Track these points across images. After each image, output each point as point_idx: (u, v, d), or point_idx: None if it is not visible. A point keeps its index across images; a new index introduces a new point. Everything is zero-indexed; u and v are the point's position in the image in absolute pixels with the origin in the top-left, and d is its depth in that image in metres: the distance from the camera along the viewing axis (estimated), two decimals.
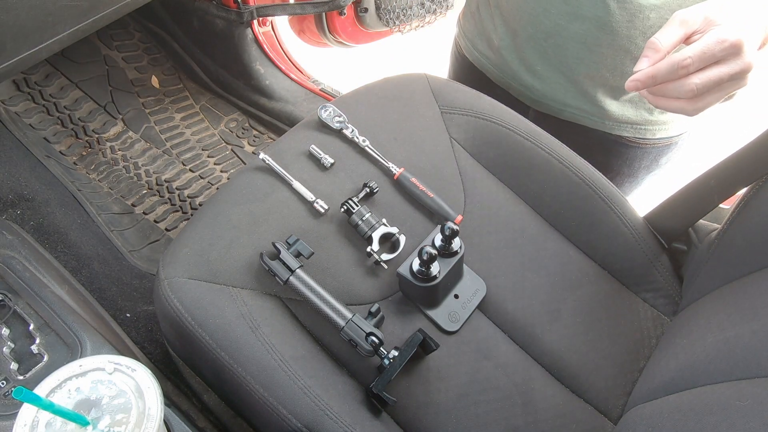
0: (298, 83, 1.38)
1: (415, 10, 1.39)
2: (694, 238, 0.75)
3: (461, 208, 0.75)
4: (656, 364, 0.64)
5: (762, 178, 0.64)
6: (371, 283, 0.68)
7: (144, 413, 0.43)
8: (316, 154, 0.74)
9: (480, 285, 0.70)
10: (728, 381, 0.50)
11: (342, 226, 0.70)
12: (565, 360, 0.67)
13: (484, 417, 0.62)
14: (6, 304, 0.69)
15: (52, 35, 0.77)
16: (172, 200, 1.21)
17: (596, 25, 0.78)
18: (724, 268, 0.65)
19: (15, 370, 0.64)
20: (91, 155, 1.24)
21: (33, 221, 0.98)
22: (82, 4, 0.76)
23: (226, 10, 1.27)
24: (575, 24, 0.79)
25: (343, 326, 0.61)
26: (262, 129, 1.38)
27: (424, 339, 0.60)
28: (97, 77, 1.35)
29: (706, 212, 0.72)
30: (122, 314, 0.92)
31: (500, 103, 0.84)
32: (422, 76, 0.86)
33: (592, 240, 0.75)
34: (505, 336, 0.69)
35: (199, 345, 0.60)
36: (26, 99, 1.26)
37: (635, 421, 0.57)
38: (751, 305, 0.56)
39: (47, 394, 0.44)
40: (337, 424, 0.56)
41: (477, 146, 0.80)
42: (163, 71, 1.43)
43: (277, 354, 0.59)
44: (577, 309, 0.70)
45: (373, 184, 0.71)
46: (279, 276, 0.62)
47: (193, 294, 0.61)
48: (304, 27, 1.36)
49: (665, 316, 0.72)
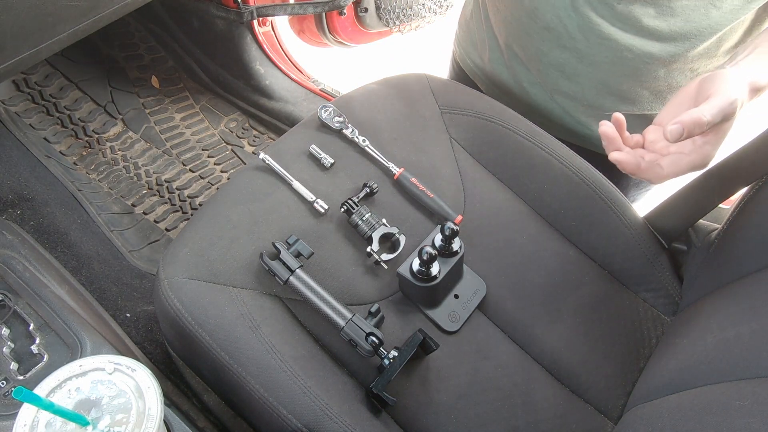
0: (298, 83, 1.38)
1: (415, 10, 1.39)
2: (694, 238, 0.75)
3: (461, 208, 0.75)
4: (656, 364, 0.64)
5: (762, 178, 0.64)
6: (371, 283, 0.68)
7: (144, 413, 0.43)
8: (316, 154, 0.74)
9: (480, 285, 0.70)
10: (728, 381, 0.49)
11: (342, 226, 0.70)
12: (565, 360, 0.67)
13: (484, 417, 0.62)
14: (6, 304, 0.69)
15: (52, 35, 0.77)
16: (172, 200, 1.21)
17: (576, 57, 0.78)
18: (724, 268, 0.65)
19: (15, 370, 0.64)
20: (91, 155, 1.23)
21: (33, 221, 0.98)
22: (82, 4, 0.76)
23: (226, 10, 1.27)
24: (556, 52, 0.80)
25: (343, 326, 0.61)
26: (262, 129, 1.38)
27: (424, 339, 0.60)
28: (97, 77, 1.35)
29: (706, 212, 0.72)
30: (122, 314, 0.92)
31: (500, 103, 0.84)
32: (422, 76, 0.86)
33: (592, 240, 0.75)
34: (505, 336, 0.69)
35: (199, 345, 0.60)
36: (26, 99, 1.26)
37: (635, 421, 0.57)
38: (751, 305, 0.56)
39: (47, 394, 0.43)
40: (337, 424, 0.56)
41: (477, 146, 0.80)
42: (163, 71, 1.43)
43: (277, 354, 0.59)
44: (577, 309, 0.70)
45: (373, 184, 0.71)
46: (279, 276, 0.62)
47: (193, 294, 0.61)
48: (304, 27, 1.36)
49: (665, 316, 0.72)
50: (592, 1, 0.73)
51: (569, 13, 0.75)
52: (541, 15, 0.78)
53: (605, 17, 0.73)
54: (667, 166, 0.58)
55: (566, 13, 0.75)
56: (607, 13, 0.72)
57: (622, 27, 0.73)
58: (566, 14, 0.75)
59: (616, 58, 0.76)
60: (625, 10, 0.71)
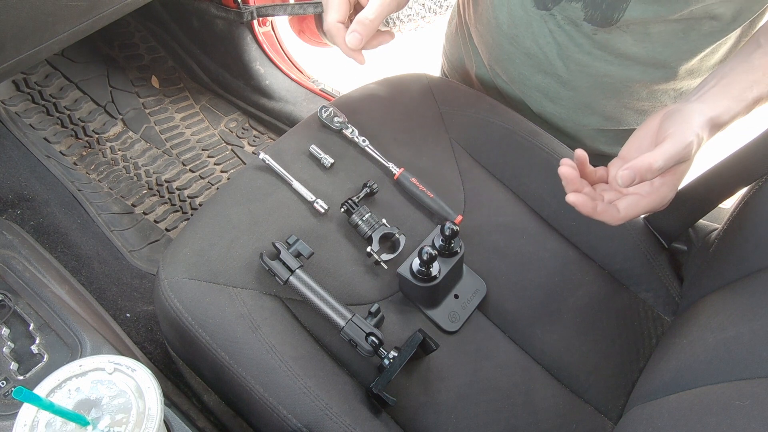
0: (298, 83, 1.38)
1: (415, 10, 1.39)
2: (694, 238, 0.75)
3: (461, 208, 0.75)
4: (656, 364, 0.64)
5: (762, 178, 0.64)
6: (371, 283, 0.68)
7: (144, 413, 0.43)
8: (316, 154, 0.74)
9: (480, 285, 0.70)
10: (728, 381, 0.49)
11: (342, 226, 0.70)
12: (565, 360, 0.67)
13: (484, 417, 0.62)
14: (6, 304, 0.69)
15: (52, 35, 0.77)
16: (172, 200, 1.21)
17: (558, 82, 0.78)
18: (724, 268, 0.65)
19: (15, 370, 0.64)
20: (91, 155, 1.23)
21: (33, 221, 0.98)
22: (82, 4, 0.76)
23: (226, 10, 1.27)
24: (538, 76, 0.80)
25: (343, 326, 0.61)
26: (262, 129, 1.38)
27: (424, 339, 0.60)
28: (97, 77, 1.35)
29: (706, 212, 0.72)
30: (122, 314, 0.92)
31: (500, 103, 0.84)
32: (422, 76, 0.86)
33: (592, 240, 0.75)
34: (505, 336, 0.69)
35: (199, 345, 0.60)
36: (26, 99, 1.26)
37: (635, 421, 0.57)
38: (751, 305, 0.56)
39: (47, 394, 0.43)
40: (337, 424, 0.56)
41: (477, 146, 0.80)
42: (163, 71, 1.43)
43: (277, 354, 0.59)
44: (577, 309, 0.70)
45: (373, 184, 0.71)
46: (279, 276, 0.62)
47: (193, 294, 0.61)
48: (304, 27, 1.36)
49: (665, 316, 0.72)
50: (569, 31, 0.73)
51: (548, 41, 0.75)
52: (521, 41, 0.78)
53: (583, 45, 0.73)
54: (624, 209, 0.58)
55: (545, 41, 0.75)
56: (585, 42, 0.72)
57: (600, 55, 0.73)
58: (545, 42, 0.76)
59: (597, 83, 0.76)
60: (603, 39, 0.71)
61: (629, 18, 0.66)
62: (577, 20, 0.71)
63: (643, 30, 0.67)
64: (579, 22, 0.71)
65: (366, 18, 0.63)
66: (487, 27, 0.82)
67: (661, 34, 0.67)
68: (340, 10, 0.65)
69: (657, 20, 0.66)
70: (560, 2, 0.70)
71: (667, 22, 0.66)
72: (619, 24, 0.68)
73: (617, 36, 0.69)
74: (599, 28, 0.69)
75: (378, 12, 0.63)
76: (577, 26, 0.71)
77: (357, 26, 0.64)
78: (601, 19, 0.68)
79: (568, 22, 0.72)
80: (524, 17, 0.75)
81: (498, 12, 0.78)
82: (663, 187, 0.57)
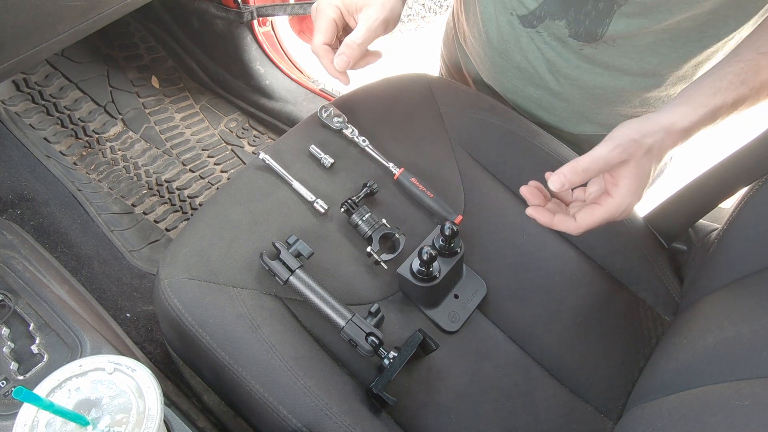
0: (298, 83, 1.38)
1: (415, 10, 1.39)
2: (694, 238, 0.75)
3: (461, 208, 0.75)
4: (656, 364, 0.64)
5: (762, 178, 0.64)
6: (371, 283, 0.68)
7: (144, 413, 0.43)
8: (316, 154, 0.74)
9: (480, 285, 0.70)
10: (728, 381, 0.49)
11: (342, 226, 0.70)
12: (565, 360, 0.67)
13: (484, 417, 0.62)
14: (6, 304, 0.69)
15: (52, 35, 0.77)
16: (172, 200, 1.21)
17: (550, 94, 0.79)
18: (724, 268, 0.65)
19: (15, 370, 0.64)
20: (91, 155, 1.24)
21: (33, 221, 0.98)
22: (82, 4, 0.76)
23: (226, 10, 1.27)
24: (530, 89, 0.81)
25: (343, 326, 0.61)
26: (262, 129, 1.38)
27: (424, 339, 0.60)
28: (97, 77, 1.35)
29: (706, 212, 0.72)
30: (122, 314, 0.92)
31: (500, 103, 0.84)
32: (422, 76, 0.86)
33: (591, 240, 0.75)
34: (505, 336, 0.69)
35: (199, 345, 0.60)
36: (26, 99, 1.26)
37: (635, 421, 0.57)
38: (750, 305, 0.56)
39: (47, 394, 0.43)
40: (337, 424, 0.56)
41: (477, 146, 0.80)
42: (163, 71, 1.43)
43: (278, 354, 0.59)
44: (577, 309, 0.70)
45: (373, 184, 0.71)
46: (279, 276, 0.62)
47: (193, 294, 0.61)
48: (304, 27, 1.36)
49: (665, 316, 0.72)
50: (555, 47, 0.73)
51: (536, 56, 0.76)
52: (511, 56, 0.78)
53: (571, 60, 0.73)
54: (581, 219, 0.58)
55: (534, 56, 0.76)
56: (573, 57, 0.73)
57: (589, 68, 0.73)
58: (534, 57, 0.76)
59: (588, 95, 0.77)
60: (590, 53, 0.71)
61: (614, 32, 0.66)
62: (562, 37, 0.71)
63: (630, 43, 0.68)
64: (565, 39, 0.71)
65: (354, 42, 0.65)
66: (479, 41, 0.83)
67: (648, 45, 0.67)
68: (326, 33, 0.67)
69: (642, 32, 0.66)
70: (544, 20, 0.71)
71: (653, 32, 0.65)
72: (604, 38, 0.68)
73: (604, 50, 0.70)
74: (585, 43, 0.70)
75: (366, 36, 0.65)
76: (563, 42, 0.72)
77: (345, 49, 0.65)
78: (585, 35, 0.69)
79: (554, 39, 0.72)
80: (512, 33, 0.76)
81: (488, 27, 0.79)
82: (618, 195, 0.57)
